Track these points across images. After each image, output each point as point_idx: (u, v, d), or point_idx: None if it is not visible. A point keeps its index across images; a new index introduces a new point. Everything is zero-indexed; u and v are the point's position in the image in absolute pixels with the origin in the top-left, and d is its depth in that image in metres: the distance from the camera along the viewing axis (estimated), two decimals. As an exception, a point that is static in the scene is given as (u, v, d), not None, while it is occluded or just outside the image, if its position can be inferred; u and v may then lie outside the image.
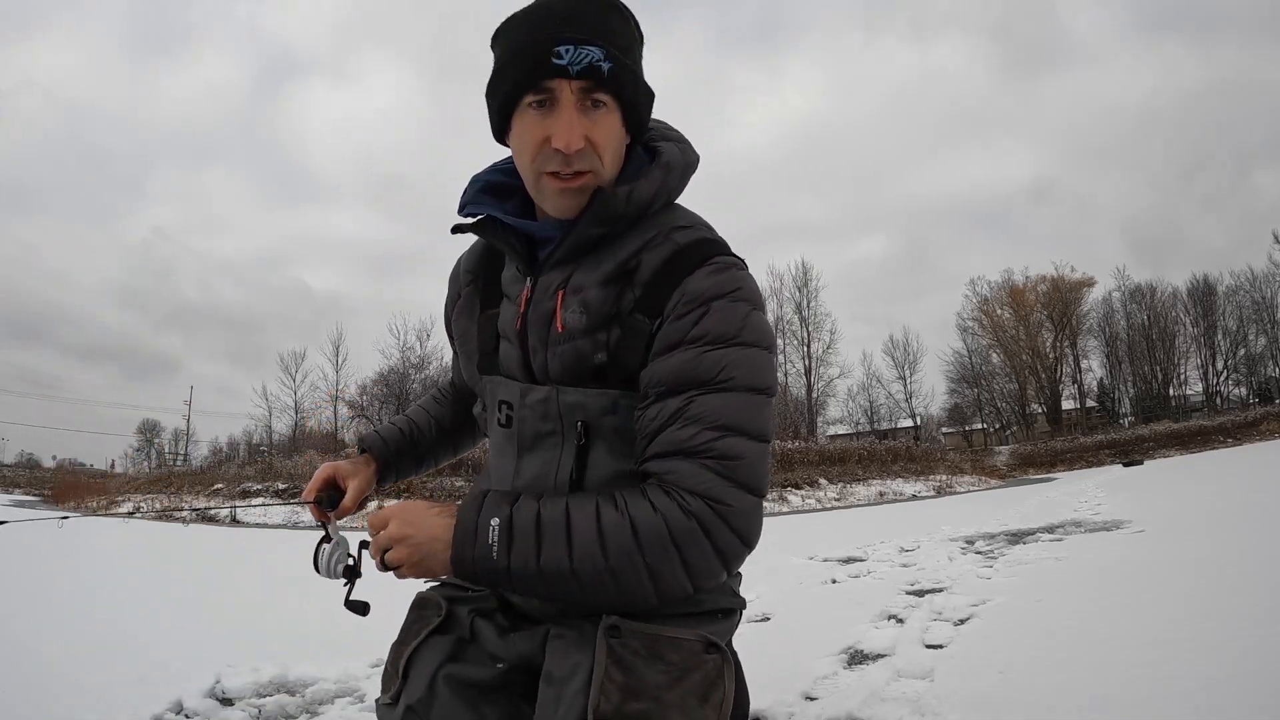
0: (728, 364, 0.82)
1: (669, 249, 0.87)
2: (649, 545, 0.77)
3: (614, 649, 0.81)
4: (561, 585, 0.79)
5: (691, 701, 0.80)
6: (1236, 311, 35.91)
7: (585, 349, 0.88)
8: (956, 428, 40.76)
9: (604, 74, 0.82)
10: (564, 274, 0.90)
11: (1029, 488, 15.69)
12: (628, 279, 0.88)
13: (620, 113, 0.87)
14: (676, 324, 0.84)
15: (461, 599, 0.99)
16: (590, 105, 0.84)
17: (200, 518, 13.64)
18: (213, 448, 36.55)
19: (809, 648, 2.27)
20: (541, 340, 0.90)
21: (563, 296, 0.89)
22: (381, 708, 0.93)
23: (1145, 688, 1.58)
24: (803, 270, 36.60)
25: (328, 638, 2.78)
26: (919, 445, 26.38)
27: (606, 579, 0.78)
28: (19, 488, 28.16)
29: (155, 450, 47.27)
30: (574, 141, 0.82)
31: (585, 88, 0.83)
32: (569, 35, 0.82)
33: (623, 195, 0.87)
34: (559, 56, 0.81)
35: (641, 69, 0.90)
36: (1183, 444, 26.46)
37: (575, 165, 0.84)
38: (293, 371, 34.43)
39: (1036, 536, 4.99)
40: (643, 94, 0.89)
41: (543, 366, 0.91)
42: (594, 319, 0.87)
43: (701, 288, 0.84)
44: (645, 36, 0.91)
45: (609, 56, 0.82)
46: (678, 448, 0.81)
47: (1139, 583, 2.84)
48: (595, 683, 0.79)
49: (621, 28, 0.86)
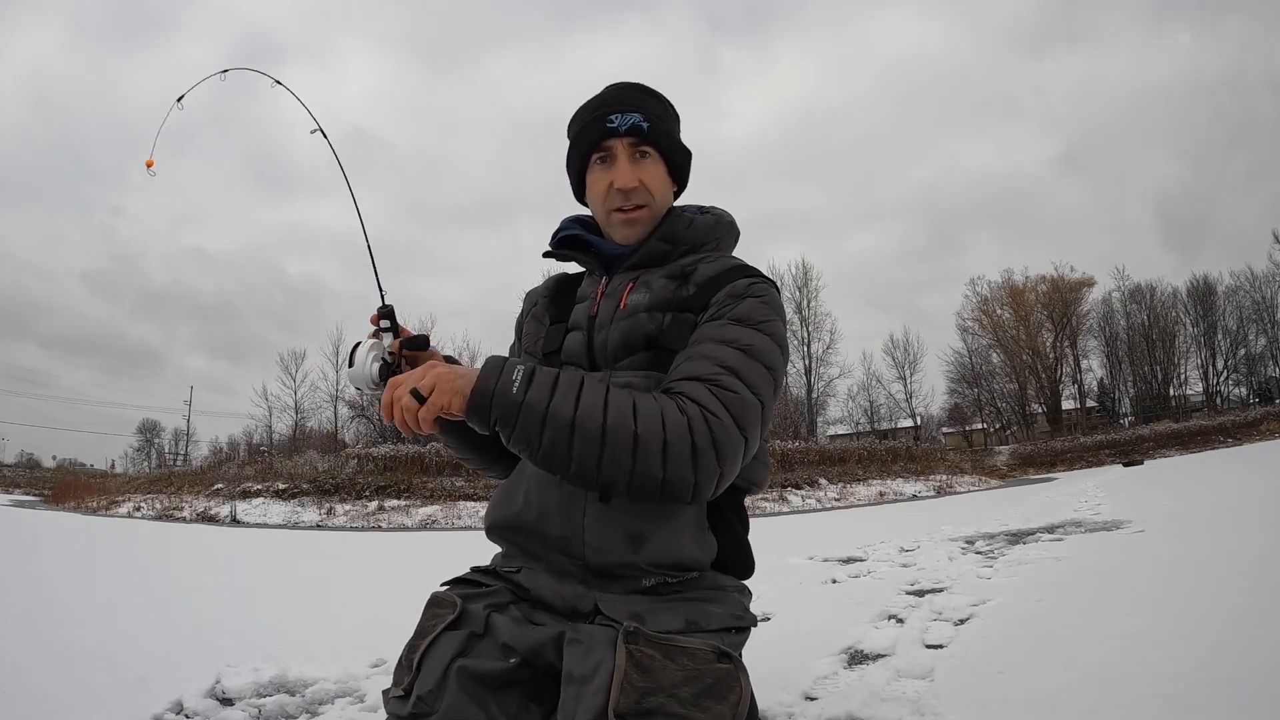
0: (743, 336, 1.00)
1: (722, 264, 1.10)
2: (643, 418, 0.89)
3: (633, 653, 0.87)
4: (560, 433, 0.88)
5: (707, 700, 0.85)
6: (1236, 311, 35.90)
7: (643, 321, 1.07)
8: (956, 428, 40.76)
9: (645, 131, 1.10)
10: (634, 275, 1.12)
11: (1029, 488, 15.70)
12: (685, 279, 1.09)
13: (664, 163, 1.14)
14: (716, 309, 1.04)
15: (476, 595, 1.04)
16: (639, 156, 1.11)
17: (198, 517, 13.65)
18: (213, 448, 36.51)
19: (809, 648, 2.27)
20: (608, 318, 1.10)
21: (632, 286, 1.11)
22: (392, 700, 0.96)
23: (1145, 687, 1.58)
24: (803, 270, 36.62)
25: (328, 638, 2.79)
26: (919, 445, 26.37)
27: (598, 437, 0.87)
28: (19, 487, 28.14)
29: (155, 450, 47.32)
30: (629, 181, 1.10)
31: (632, 142, 1.11)
32: (617, 108, 1.11)
33: (687, 219, 1.14)
34: (611, 122, 1.10)
35: (677, 134, 1.17)
36: (1183, 444, 26.45)
37: (633, 200, 1.11)
38: (293, 371, 34.44)
39: (1036, 536, 4.99)
40: (680, 151, 1.16)
41: (603, 342, 1.09)
42: (655, 300, 1.08)
43: (741, 289, 1.05)
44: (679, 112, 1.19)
45: (647, 119, 1.11)
46: (691, 375, 0.96)
47: (1139, 583, 2.84)
48: (616, 682, 0.84)
49: (656, 105, 1.14)
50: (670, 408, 0.90)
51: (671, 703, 0.83)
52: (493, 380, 0.89)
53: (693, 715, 0.83)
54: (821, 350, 35.25)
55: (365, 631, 2.85)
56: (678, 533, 0.99)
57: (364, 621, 3.10)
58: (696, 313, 1.05)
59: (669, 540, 0.98)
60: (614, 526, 0.98)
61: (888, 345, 39.29)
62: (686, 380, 0.95)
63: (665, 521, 0.98)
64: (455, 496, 15.34)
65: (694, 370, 0.96)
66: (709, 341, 0.99)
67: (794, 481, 17.41)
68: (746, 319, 1.01)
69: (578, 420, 0.87)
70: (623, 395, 0.91)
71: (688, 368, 0.97)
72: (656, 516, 0.98)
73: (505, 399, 0.88)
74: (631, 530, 0.97)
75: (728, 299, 1.04)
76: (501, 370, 0.90)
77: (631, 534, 0.97)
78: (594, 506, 0.99)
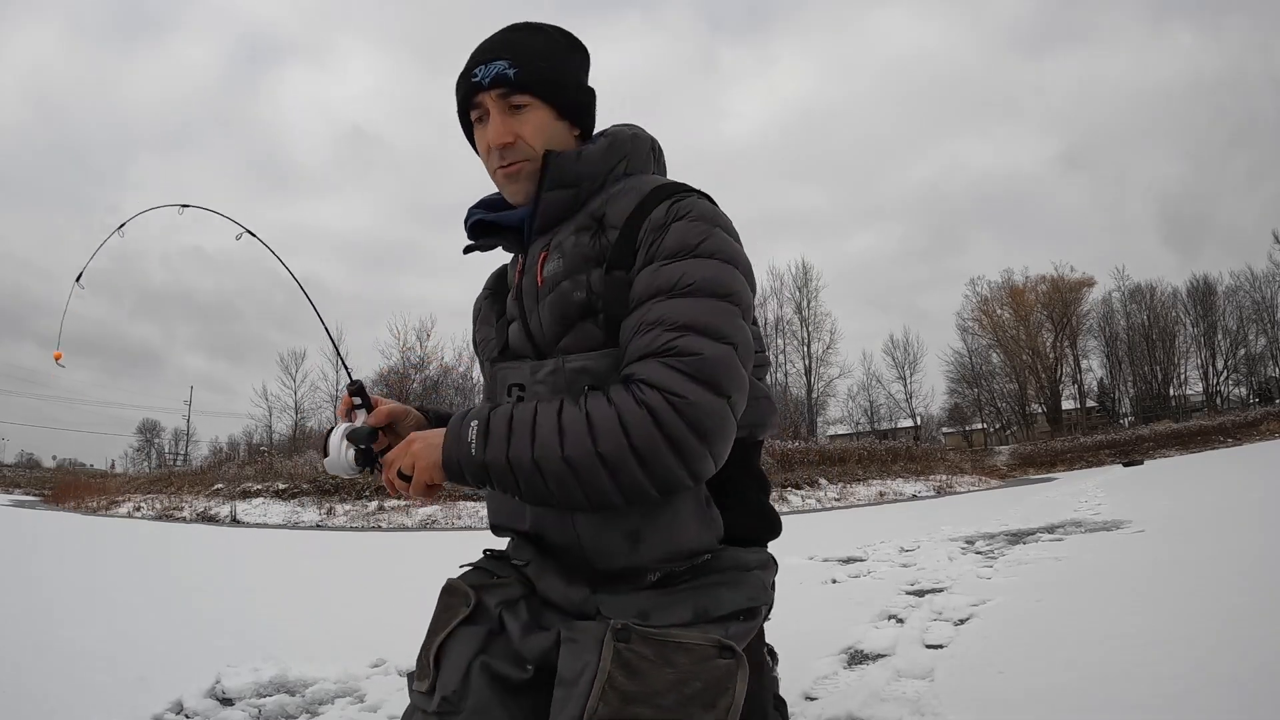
0: (685, 272, 0.88)
1: (634, 196, 0.96)
2: (601, 436, 0.81)
3: (621, 653, 0.83)
4: (530, 478, 0.84)
5: (695, 709, 0.81)
6: (1236, 311, 35.90)
7: (566, 290, 0.96)
8: (956, 428, 40.74)
9: (511, 79, 0.97)
10: (546, 240, 1.01)
11: (1029, 488, 15.70)
12: (598, 225, 0.97)
13: (551, 109, 1.00)
14: (645, 251, 0.92)
15: (489, 586, 1.01)
16: (512, 108, 0.99)
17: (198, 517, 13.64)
18: (213, 448, 36.53)
19: (809, 648, 2.27)
20: (533, 298, 1.00)
21: (545, 256, 1.00)
22: (417, 694, 0.94)
23: (1145, 687, 1.58)
24: (803, 270, 36.65)
25: (328, 638, 2.79)
26: (919, 445, 26.36)
27: (566, 472, 0.82)
28: (19, 487, 28.14)
29: (155, 450, 47.33)
30: (500, 138, 0.98)
31: (501, 94, 0.98)
32: (477, 59, 1.00)
33: (572, 155, 0.99)
34: (475, 75, 0.99)
35: (567, 71, 1.03)
36: (1183, 444, 26.44)
37: (509, 157, 0.99)
38: (293, 371, 34.45)
39: (1036, 536, 4.99)
40: (571, 90, 1.02)
41: (538, 324, 0.99)
42: (571, 262, 0.97)
43: (661, 217, 0.93)
44: (588, 49, 1.07)
45: (515, 63, 0.98)
46: (643, 352, 0.85)
47: (1139, 583, 2.84)
48: (596, 688, 0.81)
49: (531, 41, 1.01)
50: (627, 406, 0.81)
51: (654, 714, 0.80)
52: (454, 448, 0.88)
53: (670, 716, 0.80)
54: (821, 350, 35.29)
55: (365, 631, 2.85)
56: (677, 517, 0.92)
57: (364, 621, 3.10)
58: (628, 267, 0.93)
59: (669, 530, 0.91)
60: (608, 529, 0.92)
61: (888, 345, 39.34)
62: (639, 361, 0.85)
63: (662, 511, 0.91)
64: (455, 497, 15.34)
65: (643, 346, 0.85)
66: (648, 301, 0.88)
67: (794, 481, 17.40)
68: (679, 250, 0.89)
69: (539, 461, 0.83)
70: (573, 414, 0.83)
71: (636, 344, 0.86)
72: (652, 508, 0.91)
73: (470, 462, 0.87)
74: (627, 529, 0.91)
75: (651, 234, 0.92)
76: (459, 433, 0.88)
77: (628, 532, 0.91)
78: (583, 514, 0.93)
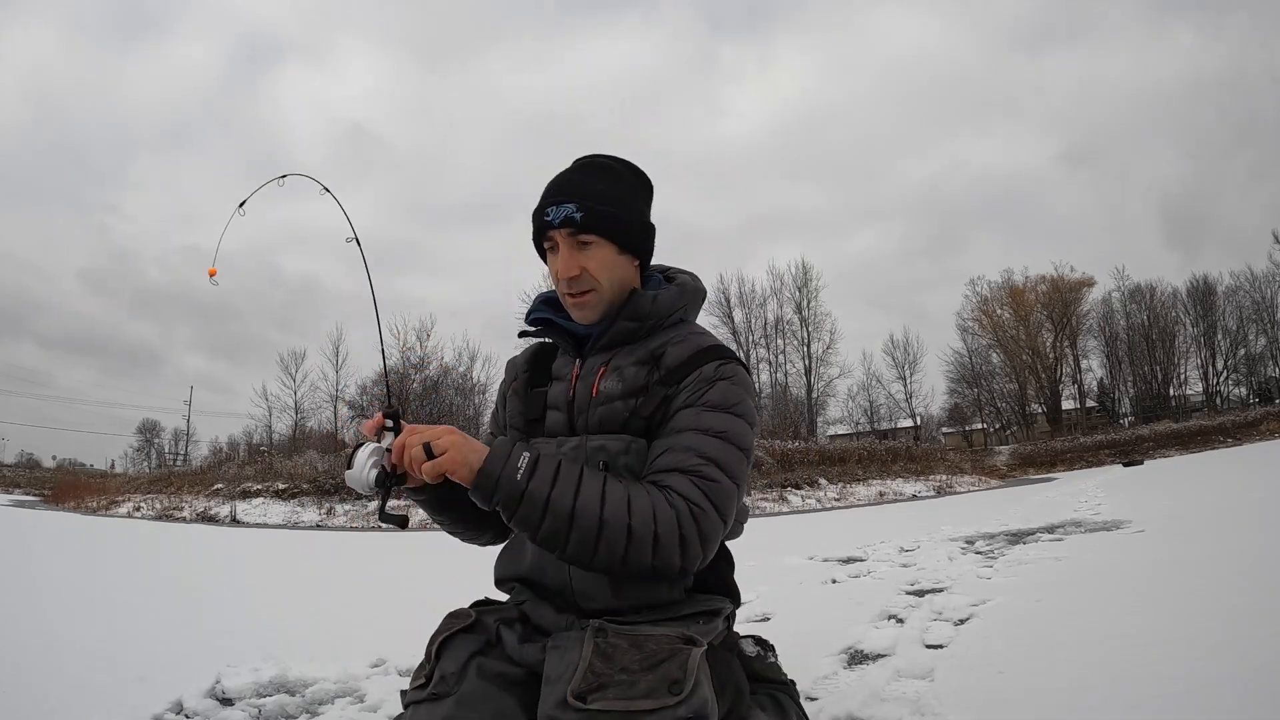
0: (721, 421, 1.08)
1: (691, 346, 1.15)
2: (636, 513, 0.98)
3: (599, 645, 0.94)
4: (559, 522, 0.97)
5: (659, 683, 0.90)
6: (1236, 311, 35.91)
7: (619, 409, 1.13)
8: (956, 428, 40.76)
9: (578, 221, 1.14)
10: (605, 357, 1.18)
11: (1029, 488, 15.70)
12: (655, 362, 1.15)
13: (613, 245, 1.17)
14: (690, 393, 1.10)
15: (488, 610, 1.15)
16: (579, 244, 1.15)
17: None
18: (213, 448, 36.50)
19: (809, 648, 2.27)
20: (586, 402, 1.16)
21: (604, 371, 1.17)
22: (411, 690, 1.03)
23: (1145, 688, 1.58)
24: (803, 270, 36.64)
25: (328, 638, 2.79)
26: (919, 445, 26.36)
27: (595, 528, 0.97)
28: (19, 487, 28.16)
29: (155, 450, 47.33)
30: (568, 271, 1.15)
31: (570, 232, 1.15)
32: (550, 200, 1.16)
33: (649, 297, 1.19)
34: (547, 215, 1.16)
35: (629, 210, 1.19)
36: (1183, 444, 26.46)
37: (576, 287, 1.17)
38: (293, 371, 34.45)
39: (1036, 536, 4.99)
40: (632, 228, 1.19)
41: (584, 424, 1.16)
42: (628, 387, 1.14)
43: (711, 373, 1.12)
44: (651, 184, 1.24)
45: (581, 208, 1.14)
46: (675, 466, 1.04)
47: (1139, 583, 2.84)
48: (580, 671, 0.91)
49: (598, 183, 1.17)
50: (661, 502, 0.99)
51: (622, 674, 0.91)
52: (499, 465, 0.98)
53: (640, 678, 0.90)
54: (821, 350, 35.31)
55: (365, 631, 2.85)
56: (658, 583, 1.08)
57: (364, 621, 3.10)
58: (668, 386, 1.12)
59: (649, 586, 1.08)
60: (598, 578, 1.07)
61: (888, 345, 39.36)
62: (671, 472, 1.03)
63: None
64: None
65: (677, 462, 1.04)
66: (688, 431, 1.07)
67: (794, 481, 17.41)
68: (720, 404, 1.09)
69: (577, 511, 0.97)
70: (618, 489, 0.99)
71: (670, 459, 1.05)
72: None
73: (510, 484, 0.97)
74: (613, 581, 1.08)
75: (699, 383, 1.10)
76: (509, 456, 0.98)
77: (613, 582, 1.08)
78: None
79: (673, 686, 0.89)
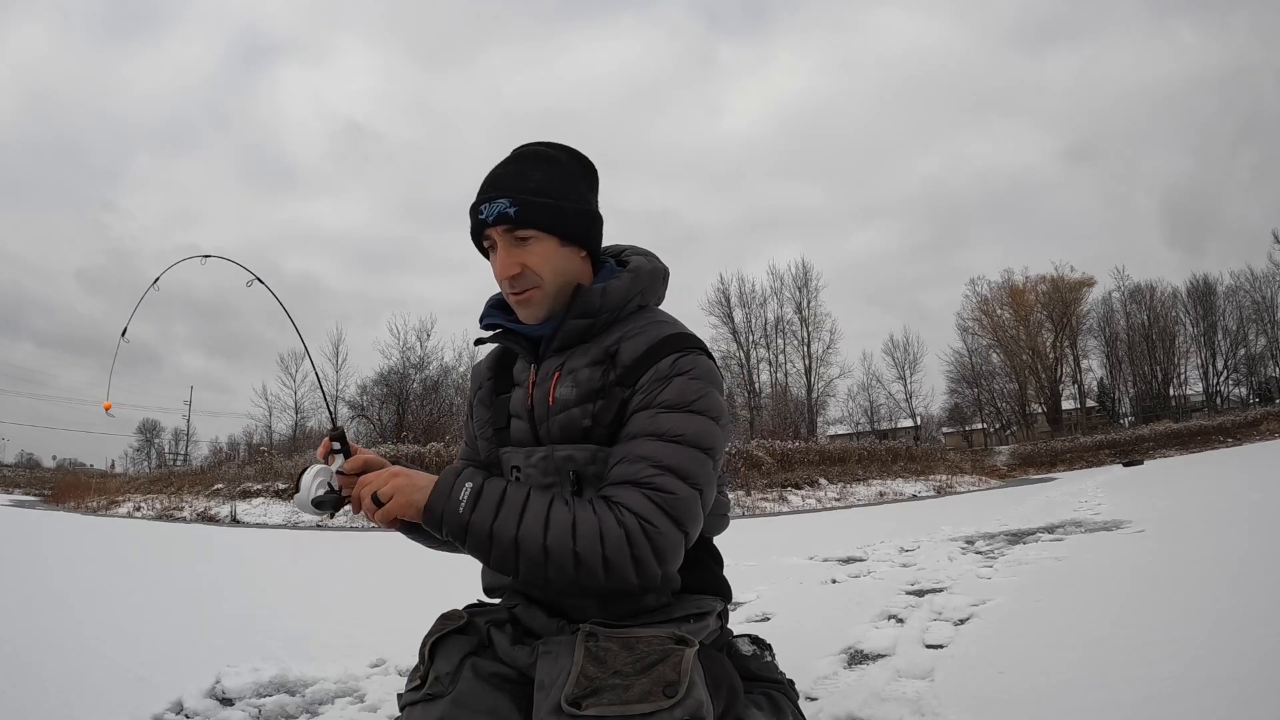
0: (678, 423, 1.02)
1: (646, 340, 1.09)
2: (581, 537, 0.95)
3: (591, 649, 0.94)
4: (505, 552, 0.97)
5: (653, 685, 0.89)
6: (1236, 311, 35.94)
7: (576, 416, 1.10)
8: (956, 428, 40.76)
9: (512, 217, 1.09)
10: (560, 360, 1.14)
11: (1029, 488, 15.70)
12: (610, 361, 1.10)
13: (554, 237, 1.11)
14: (645, 395, 1.05)
15: (480, 612, 1.15)
16: (517, 240, 1.10)
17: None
18: (213, 448, 36.51)
19: (809, 648, 2.27)
20: (544, 411, 1.13)
21: (558, 376, 1.13)
22: (407, 693, 1.03)
23: (1145, 688, 1.58)
24: (803, 270, 36.68)
25: (328, 638, 2.79)
26: (919, 445, 26.37)
27: (540, 557, 0.96)
28: (19, 487, 28.16)
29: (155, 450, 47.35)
30: (507, 270, 1.11)
31: (505, 229, 1.10)
32: (483, 196, 1.11)
33: (598, 291, 1.12)
34: (480, 213, 1.11)
35: (569, 200, 1.12)
36: (1183, 444, 26.45)
37: (517, 286, 1.12)
38: (293, 371, 34.39)
39: (1036, 536, 4.99)
40: (574, 218, 1.13)
41: (546, 433, 1.13)
42: (583, 392, 1.10)
43: (666, 369, 1.06)
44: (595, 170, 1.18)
45: (516, 202, 1.09)
46: (628, 478, 1.00)
47: (1139, 583, 2.84)
48: (573, 677, 0.91)
49: (535, 173, 1.11)
50: (609, 521, 0.96)
51: (616, 678, 0.90)
52: (441, 501, 0.98)
53: (634, 681, 0.89)
54: (821, 350, 35.35)
55: (365, 631, 2.85)
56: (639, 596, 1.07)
57: (364, 621, 3.10)
58: (625, 387, 1.07)
59: (633, 596, 1.06)
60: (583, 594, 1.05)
61: (888, 345, 39.38)
62: (623, 485, 0.99)
63: None
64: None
65: (629, 474, 1.00)
66: (642, 437, 1.02)
67: (794, 481, 17.40)
68: (678, 403, 1.03)
69: (520, 540, 0.96)
70: (563, 513, 0.97)
71: (622, 470, 1.01)
72: None
73: (453, 518, 0.98)
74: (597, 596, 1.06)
75: (654, 382, 1.05)
76: (451, 489, 0.99)
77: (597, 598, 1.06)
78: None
79: (667, 688, 0.89)
